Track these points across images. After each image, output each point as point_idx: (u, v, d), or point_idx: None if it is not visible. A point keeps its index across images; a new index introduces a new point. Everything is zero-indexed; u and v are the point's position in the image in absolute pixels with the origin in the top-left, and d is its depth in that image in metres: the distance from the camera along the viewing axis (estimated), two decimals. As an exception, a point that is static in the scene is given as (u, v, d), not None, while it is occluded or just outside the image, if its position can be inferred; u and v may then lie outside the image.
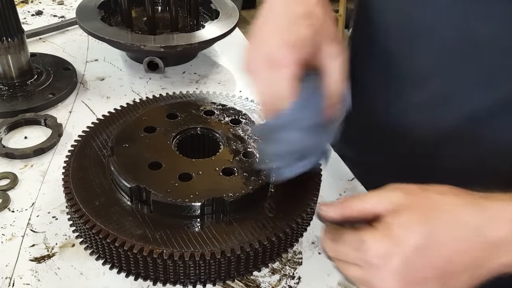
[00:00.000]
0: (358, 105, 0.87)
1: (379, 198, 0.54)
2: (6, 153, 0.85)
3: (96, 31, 1.07)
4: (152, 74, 1.13)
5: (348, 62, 0.64)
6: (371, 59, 0.84)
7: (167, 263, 0.61)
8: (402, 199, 0.53)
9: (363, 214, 0.54)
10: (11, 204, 0.76)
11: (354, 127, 0.90)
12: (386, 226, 0.51)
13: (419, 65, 0.74)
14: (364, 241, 0.51)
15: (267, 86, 0.60)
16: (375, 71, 0.84)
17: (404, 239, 0.50)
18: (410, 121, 0.79)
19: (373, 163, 0.92)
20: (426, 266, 0.50)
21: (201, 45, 1.09)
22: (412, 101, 0.78)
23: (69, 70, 1.09)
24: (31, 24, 1.35)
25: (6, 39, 0.96)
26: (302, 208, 0.69)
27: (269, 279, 0.67)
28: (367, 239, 0.51)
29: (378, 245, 0.50)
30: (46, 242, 0.70)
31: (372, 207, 0.54)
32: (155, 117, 0.80)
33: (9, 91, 1.00)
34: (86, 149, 0.76)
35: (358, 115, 0.87)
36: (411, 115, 0.79)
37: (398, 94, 0.80)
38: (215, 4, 1.23)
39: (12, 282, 0.64)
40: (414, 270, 0.50)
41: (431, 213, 0.51)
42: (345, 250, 0.53)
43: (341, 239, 0.54)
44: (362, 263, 0.52)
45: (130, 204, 0.67)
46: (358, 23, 0.89)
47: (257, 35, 0.64)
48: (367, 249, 0.51)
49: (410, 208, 0.52)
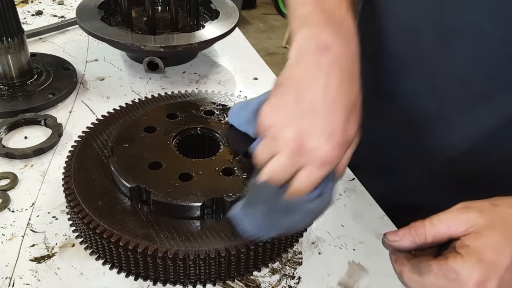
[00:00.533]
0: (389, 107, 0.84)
1: (452, 220, 0.53)
2: (6, 153, 0.85)
3: (96, 31, 1.07)
4: (152, 74, 1.13)
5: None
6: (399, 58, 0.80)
7: (167, 263, 0.61)
8: (478, 218, 0.52)
9: (438, 239, 0.53)
10: (11, 204, 0.76)
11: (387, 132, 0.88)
12: (475, 250, 0.50)
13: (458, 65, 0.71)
14: (458, 271, 0.50)
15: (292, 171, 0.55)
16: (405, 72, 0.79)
17: (497, 262, 0.49)
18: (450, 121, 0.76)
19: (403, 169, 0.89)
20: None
21: (201, 45, 1.09)
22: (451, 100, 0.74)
23: (69, 70, 1.09)
24: (31, 24, 1.35)
25: (6, 39, 0.96)
26: (302, 208, 0.69)
27: (269, 279, 0.67)
28: (460, 268, 0.50)
29: (473, 272, 0.49)
30: (46, 242, 0.70)
31: (447, 230, 0.53)
32: (155, 117, 0.80)
33: (9, 91, 1.00)
34: (86, 149, 0.76)
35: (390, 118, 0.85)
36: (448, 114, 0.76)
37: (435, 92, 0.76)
38: (215, 4, 1.23)
39: (12, 282, 0.65)
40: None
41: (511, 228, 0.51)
42: (435, 282, 0.51)
43: (427, 271, 0.52)
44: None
45: (131, 204, 0.67)
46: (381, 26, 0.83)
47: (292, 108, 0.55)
48: (463, 278, 0.49)
49: (491, 227, 0.51)
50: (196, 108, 0.83)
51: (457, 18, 0.68)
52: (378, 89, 0.84)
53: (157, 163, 0.70)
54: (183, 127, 0.78)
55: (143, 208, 0.66)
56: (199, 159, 0.72)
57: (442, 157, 0.80)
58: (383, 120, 0.87)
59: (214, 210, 0.66)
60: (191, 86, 1.11)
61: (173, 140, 0.76)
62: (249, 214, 0.60)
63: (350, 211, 0.80)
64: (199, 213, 0.65)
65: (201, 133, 0.79)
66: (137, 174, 0.68)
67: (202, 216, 0.65)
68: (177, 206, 0.64)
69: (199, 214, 0.65)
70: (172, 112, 0.81)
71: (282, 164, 0.55)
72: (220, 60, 1.24)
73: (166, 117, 0.80)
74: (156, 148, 0.73)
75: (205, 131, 0.79)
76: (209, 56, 1.25)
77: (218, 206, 0.66)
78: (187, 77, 1.15)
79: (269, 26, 4.69)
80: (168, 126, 0.78)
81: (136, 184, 0.66)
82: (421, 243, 0.54)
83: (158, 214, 0.65)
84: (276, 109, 0.56)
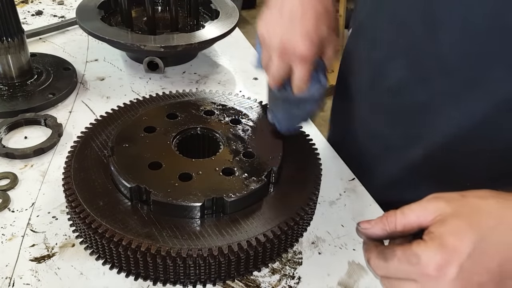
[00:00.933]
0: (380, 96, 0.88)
1: (421, 210, 0.55)
2: (6, 153, 0.85)
3: (96, 31, 1.07)
4: (152, 74, 1.13)
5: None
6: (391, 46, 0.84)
7: (168, 262, 0.61)
8: (446, 207, 0.53)
9: (408, 228, 0.55)
10: (11, 204, 0.76)
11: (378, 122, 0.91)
12: (437, 236, 0.51)
13: (446, 55, 0.74)
14: (419, 255, 0.51)
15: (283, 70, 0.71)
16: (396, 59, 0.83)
17: (458, 248, 0.50)
18: (439, 110, 0.79)
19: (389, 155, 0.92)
20: (482, 271, 0.50)
21: (201, 45, 1.09)
22: (438, 89, 0.77)
23: (69, 70, 1.09)
24: (31, 24, 1.35)
25: (6, 39, 0.96)
26: (302, 208, 0.69)
27: (269, 279, 0.67)
28: (422, 252, 0.51)
29: (434, 257, 0.50)
30: (46, 242, 0.70)
31: (417, 219, 0.54)
32: (155, 117, 0.80)
33: (9, 91, 1.00)
34: (86, 149, 0.76)
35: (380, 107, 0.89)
36: (437, 104, 0.79)
37: (423, 82, 0.79)
38: (215, 4, 1.23)
39: (12, 282, 0.65)
40: (471, 276, 0.50)
41: (479, 219, 0.52)
42: (398, 267, 0.53)
43: (391, 256, 0.54)
44: (418, 277, 0.52)
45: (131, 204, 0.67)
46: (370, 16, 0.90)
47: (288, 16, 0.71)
48: (423, 263, 0.51)
49: (456, 215, 0.52)
50: (196, 108, 0.83)
51: (444, 10, 0.71)
52: (371, 78, 0.89)
53: (157, 163, 0.70)
54: (183, 127, 0.78)
55: (143, 208, 0.66)
56: (199, 159, 0.72)
57: (432, 148, 0.82)
58: (375, 109, 0.91)
59: (214, 210, 0.66)
60: (191, 86, 1.11)
61: (173, 140, 0.76)
62: (277, 114, 0.78)
63: (350, 211, 0.80)
64: (199, 213, 0.65)
65: (201, 133, 0.79)
66: (137, 174, 0.68)
67: (202, 216, 0.65)
68: (177, 206, 0.64)
69: (199, 214, 0.65)
70: (172, 112, 0.81)
71: (275, 66, 0.71)
72: (220, 60, 1.24)
73: (166, 117, 0.80)
74: (156, 148, 0.73)
75: (205, 131, 0.79)
76: (209, 56, 1.25)
77: (218, 206, 0.66)
78: (187, 77, 1.15)
79: (269, 26, 4.68)
80: (168, 126, 0.78)
81: (136, 184, 0.66)
82: (391, 231, 0.56)
83: (157, 214, 0.65)
84: (266, 23, 0.73)
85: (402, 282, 0.53)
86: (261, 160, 0.73)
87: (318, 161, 0.78)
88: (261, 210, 0.68)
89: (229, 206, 0.66)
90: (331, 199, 0.81)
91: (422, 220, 0.54)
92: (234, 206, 0.66)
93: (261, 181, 0.69)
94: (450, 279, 0.50)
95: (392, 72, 0.83)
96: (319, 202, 0.78)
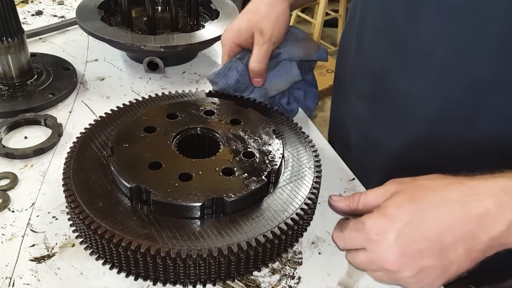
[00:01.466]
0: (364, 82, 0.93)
1: (379, 191, 0.63)
2: (6, 153, 0.85)
3: (96, 31, 1.07)
4: (152, 74, 1.13)
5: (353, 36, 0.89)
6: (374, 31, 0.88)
7: (168, 262, 0.61)
8: (396, 187, 0.62)
9: (366, 206, 0.64)
10: (11, 204, 0.76)
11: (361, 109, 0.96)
12: (381, 208, 0.60)
13: (424, 37, 0.77)
14: (364, 222, 0.60)
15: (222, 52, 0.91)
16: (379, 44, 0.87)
17: (396, 215, 0.58)
18: (417, 95, 0.82)
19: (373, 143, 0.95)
20: (420, 239, 0.57)
21: (201, 45, 1.09)
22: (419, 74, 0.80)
23: (69, 70, 1.09)
24: (31, 24, 1.35)
25: (6, 39, 0.96)
26: (302, 208, 0.69)
27: (269, 279, 0.67)
28: (366, 220, 0.60)
29: (375, 223, 0.59)
30: (46, 242, 0.70)
31: (374, 199, 0.63)
32: (155, 117, 0.80)
33: (9, 91, 1.00)
34: (85, 150, 0.76)
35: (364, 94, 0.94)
36: (416, 89, 0.82)
37: (404, 67, 0.82)
38: (215, 4, 1.23)
39: (12, 282, 0.65)
40: (410, 242, 0.57)
41: (420, 194, 0.59)
42: (350, 235, 0.62)
43: (346, 226, 0.63)
44: (365, 243, 0.60)
45: (131, 204, 0.67)
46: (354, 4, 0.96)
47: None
48: (366, 228, 0.59)
49: (401, 192, 0.61)
50: (196, 108, 0.83)
51: None
52: (363, 65, 0.93)
53: (157, 163, 0.70)
54: (183, 127, 0.78)
55: (143, 208, 0.66)
56: (199, 159, 0.72)
57: (416, 133, 0.84)
58: (361, 97, 0.95)
59: (214, 210, 0.66)
60: (191, 86, 1.11)
61: (173, 140, 0.76)
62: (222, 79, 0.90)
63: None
64: (199, 213, 0.65)
65: (201, 133, 0.79)
66: (137, 174, 0.68)
67: (202, 216, 0.65)
68: (177, 206, 0.64)
69: (199, 214, 0.65)
70: (172, 112, 0.81)
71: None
72: (220, 60, 1.24)
73: (166, 117, 0.80)
74: (156, 148, 0.73)
75: (205, 131, 0.79)
76: (209, 56, 1.25)
77: (218, 206, 0.66)
78: (187, 77, 1.15)
79: (269, 26, 4.68)
80: (168, 126, 0.78)
81: (136, 184, 0.66)
82: (354, 208, 0.65)
83: (157, 214, 0.65)
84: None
85: (357, 252, 0.62)
86: (261, 160, 0.73)
87: (318, 161, 0.78)
88: (261, 210, 0.68)
89: (229, 206, 0.66)
90: (331, 199, 0.81)
91: (379, 199, 0.62)
92: (234, 206, 0.66)
93: (261, 181, 0.69)
94: (389, 243, 0.57)
95: (377, 58, 0.88)
96: (319, 202, 0.78)
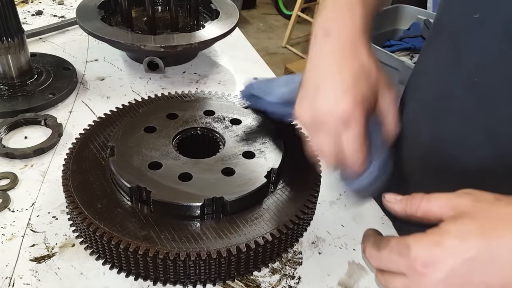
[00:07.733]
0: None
1: (446, 201, 0.50)
2: (6, 153, 0.85)
3: (96, 31, 1.07)
4: (152, 74, 1.13)
5: None
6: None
7: (168, 263, 0.61)
8: (468, 205, 0.49)
9: (426, 216, 0.51)
10: (11, 204, 0.76)
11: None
12: (440, 233, 0.47)
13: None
14: (411, 247, 0.47)
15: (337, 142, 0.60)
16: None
17: (456, 249, 0.46)
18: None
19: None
20: (478, 283, 0.45)
21: (201, 45, 1.09)
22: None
23: (69, 70, 1.09)
24: (31, 24, 1.35)
25: (6, 39, 0.96)
26: (302, 208, 0.69)
27: (269, 279, 0.67)
28: (414, 244, 0.47)
29: (425, 251, 0.47)
30: (46, 242, 0.70)
31: (438, 210, 0.50)
32: (155, 117, 0.80)
33: (9, 91, 1.00)
34: (84, 151, 0.76)
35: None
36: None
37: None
38: (215, 4, 1.23)
39: (12, 282, 0.65)
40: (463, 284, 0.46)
41: (493, 227, 0.46)
42: (389, 257, 0.50)
43: (385, 246, 0.50)
44: (406, 271, 0.48)
45: (131, 205, 0.67)
46: None
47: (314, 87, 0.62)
48: (412, 255, 0.47)
49: (473, 217, 0.47)
50: (196, 108, 0.83)
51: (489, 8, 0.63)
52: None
53: (157, 163, 0.70)
54: (183, 127, 0.78)
55: (143, 210, 0.66)
56: (199, 159, 0.72)
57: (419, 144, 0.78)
58: None
59: (214, 210, 0.66)
60: (191, 86, 1.11)
61: (173, 140, 0.76)
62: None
63: (350, 211, 0.80)
64: (199, 213, 0.65)
65: (201, 133, 0.79)
66: (137, 174, 0.68)
67: (202, 216, 0.65)
68: (177, 206, 0.64)
69: (199, 214, 0.65)
70: (172, 112, 0.81)
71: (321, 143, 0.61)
72: (220, 60, 1.24)
73: (166, 117, 0.80)
74: (156, 148, 0.73)
75: (205, 131, 0.79)
76: (209, 56, 1.25)
77: (218, 206, 0.66)
78: (187, 77, 1.15)
79: (269, 26, 4.68)
80: (168, 126, 0.78)
81: (136, 184, 0.66)
82: (410, 214, 0.52)
83: (158, 215, 0.65)
84: (299, 102, 0.64)
85: (393, 276, 0.50)
86: (261, 160, 0.73)
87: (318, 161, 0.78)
88: (261, 211, 0.68)
89: (229, 206, 0.66)
90: (331, 199, 0.81)
91: (444, 212, 0.49)
92: (234, 206, 0.66)
93: (261, 181, 0.69)
94: (436, 280, 0.46)
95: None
96: (319, 202, 0.78)
